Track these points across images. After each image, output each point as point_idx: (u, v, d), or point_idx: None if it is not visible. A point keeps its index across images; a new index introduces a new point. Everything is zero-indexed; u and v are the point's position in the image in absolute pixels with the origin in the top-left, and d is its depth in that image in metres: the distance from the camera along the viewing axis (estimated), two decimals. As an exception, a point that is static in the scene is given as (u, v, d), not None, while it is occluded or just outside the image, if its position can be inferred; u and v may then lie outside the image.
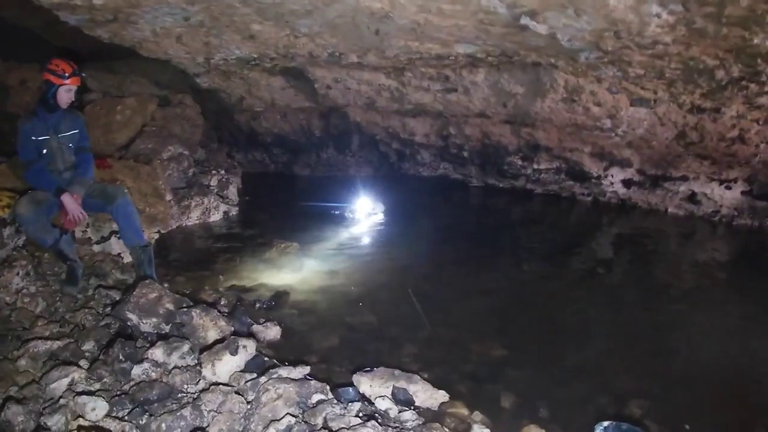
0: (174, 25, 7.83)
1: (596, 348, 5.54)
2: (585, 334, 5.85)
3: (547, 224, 10.30)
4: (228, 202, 9.89)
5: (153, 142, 9.91)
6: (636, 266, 8.23)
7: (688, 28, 6.53)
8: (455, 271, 7.52)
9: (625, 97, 9.15)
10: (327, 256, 7.67)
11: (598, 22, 6.45)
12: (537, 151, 11.06)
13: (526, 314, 6.22)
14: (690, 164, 10.09)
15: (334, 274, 7.02)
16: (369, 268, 7.31)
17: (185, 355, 4.30)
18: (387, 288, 6.68)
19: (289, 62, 9.53)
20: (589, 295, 6.85)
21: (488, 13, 6.49)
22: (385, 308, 6.09)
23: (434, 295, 6.51)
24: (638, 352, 5.51)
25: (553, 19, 6.52)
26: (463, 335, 5.56)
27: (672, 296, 6.99)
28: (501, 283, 7.15)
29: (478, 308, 6.34)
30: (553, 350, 5.42)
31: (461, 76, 9.54)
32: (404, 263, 7.60)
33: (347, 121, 11.77)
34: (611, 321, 6.16)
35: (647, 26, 6.47)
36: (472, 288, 6.97)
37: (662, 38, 6.86)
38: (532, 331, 5.82)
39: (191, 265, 7.19)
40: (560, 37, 7.08)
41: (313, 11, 7.04)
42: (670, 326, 6.07)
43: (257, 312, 5.73)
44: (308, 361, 4.75)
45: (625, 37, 6.80)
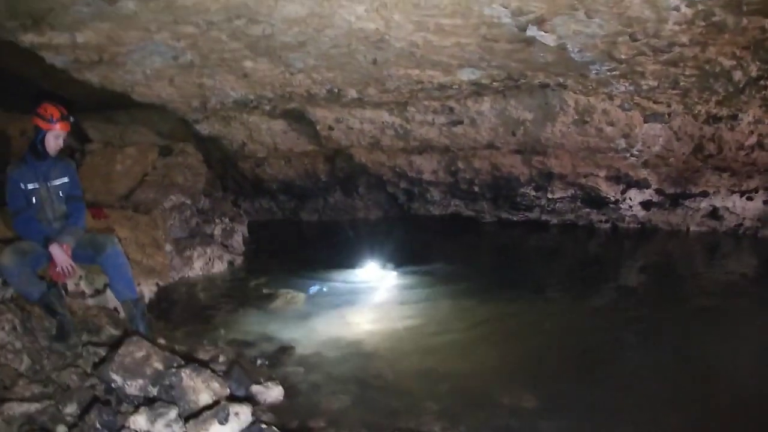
0: (164, 65, 7.57)
1: (638, 389, 5.05)
2: (624, 374, 5.39)
3: (565, 257, 9.87)
4: (232, 252, 9.61)
5: (154, 192, 9.71)
6: (667, 294, 7.82)
7: (707, 22, 6.21)
8: (474, 314, 7.05)
9: (638, 113, 8.88)
10: (336, 307, 7.24)
11: (612, 24, 6.12)
12: (550, 180, 10.69)
13: (556, 356, 5.75)
14: (709, 178, 9.89)
15: (343, 325, 6.59)
16: (381, 318, 6.87)
17: (171, 423, 3.90)
18: (401, 337, 6.23)
19: (288, 103, 9.27)
20: (624, 331, 6.44)
21: (491, 25, 6.16)
22: (401, 360, 5.61)
23: (451, 343, 6.09)
24: (686, 390, 5.04)
25: (562, 27, 6.18)
26: (490, 385, 5.09)
27: (711, 323, 6.61)
28: (525, 325, 6.70)
29: (504, 354, 5.85)
30: (590, 395, 4.91)
31: (466, 106, 9.25)
32: (418, 311, 7.12)
33: (352, 163, 11.47)
34: (651, 358, 5.70)
35: (664, 24, 6.14)
36: (494, 332, 6.50)
37: (679, 38, 6.55)
38: (566, 375, 5.34)
39: (190, 318, 6.86)
40: (570, 48, 6.77)
41: (306, 42, 6.77)
42: (715, 358, 5.63)
43: (258, 369, 5.29)
44: (315, 426, 4.35)
45: (641, 39, 6.47)
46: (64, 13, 6.18)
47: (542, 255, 10.20)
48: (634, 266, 9.29)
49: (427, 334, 6.32)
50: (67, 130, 5.30)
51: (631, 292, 7.90)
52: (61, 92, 9.68)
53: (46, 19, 6.34)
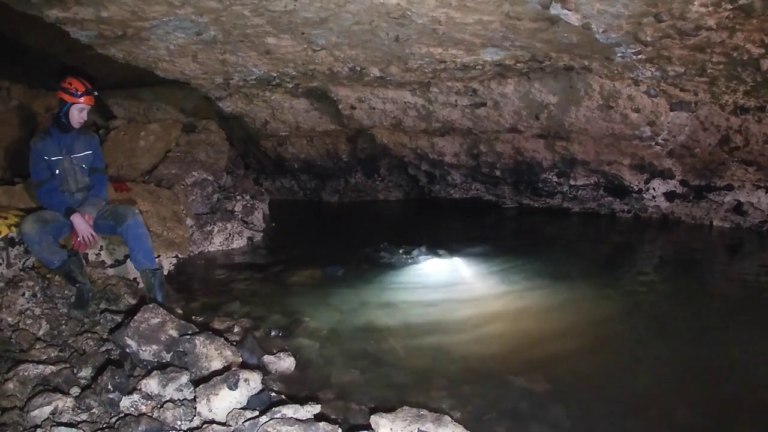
0: (187, 41, 7.56)
1: (653, 377, 4.98)
2: (639, 362, 5.32)
3: (588, 246, 9.73)
4: (252, 228, 9.67)
5: (176, 168, 9.81)
6: (689, 287, 7.61)
7: (734, 5, 6.06)
8: (492, 297, 6.98)
9: (664, 100, 8.72)
10: (352, 285, 7.23)
11: (637, 3, 5.99)
12: (573, 166, 10.58)
13: (572, 342, 5.65)
14: (735, 172, 9.66)
15: (359, 303, 6.56)
16: (397, 297, 6.81)
17: (183, 387, 3.95)
18: (416, 317, 6.18)
19: (311, 81, 9.23)
20: (643, 321, 6.33)
21: (515, 2, 6.07)
22: (414, 339, 5.59)
23: (467, 323, 6.04)
24: (702, 379, 4.98)
25: (586, 5, 6.06)
26: (502, 366, 5.04)
27: (732, 317, 6.51)
28: (543, 309, 6.61)
29: (520, 336, 5.80)
30: (604, 381, 4.87)
31: (490, 88, 9.15)
32: (436, 293, 7.06)
33: (374, 144, 11.45)
34: (668, 347, 5.61)
35: (690, 5, 6.01)
36: (509, 315, 6.45)
37: (705, 21, 6.40)
38: (580, 360, 5.27)
39: (208, 291, 6.93)
40: (595, 29, 6.64)
41: (328, 18, 6.71)
42: (735, 351, 5.54)
43: (272, 341, 5.34)
44: (323, 397, 4.34)
45: (667, 20, 6.32)
46: (90, -13, 6.20)
47: (568, 242, 10.05)
48: (655, 259, 9.12)
49: (442, 314, 6.28)
50: (91, 104, 5.42)
51: (654, 285, 7.75)
52: (86, 69, 9.78)
53: (71, -7, 6.36)
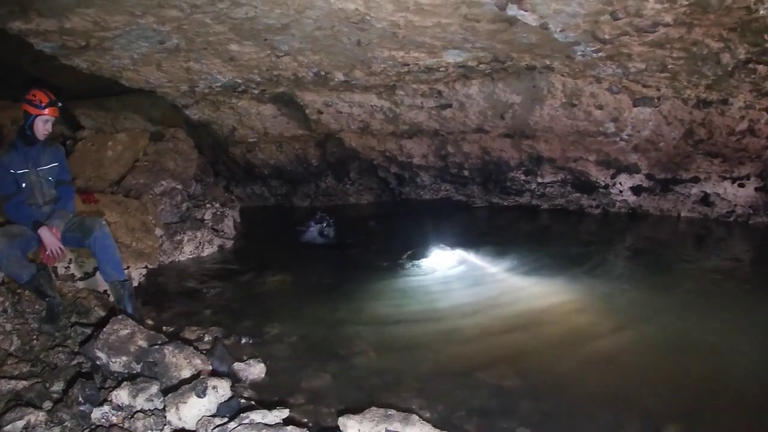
0: (151, 50, 7.60)
1: (622, 368, 5.05)
2: (609, 353, 5.36)
3: (556, 241, 9.80)
4: (223, 236, 9.63)
5: (145, 177, 9.79)
6: (659, 277, 7.72)
7: (689, 1, 6.15)
8: (465, 295, 7.08)
9: (627, 96, 8.82)
10: (322, 288, 7.31)
11: (592, 2, 6.09)
12: (540, 164, 10.67)
13: (542, 337, 5.73)
14: (700, 164, 9.78)
15: (330, 307, 6.58)
16: (369, 300, 6.86)
17: (153, 398, 3.96)
18: (387, 318, 6.23)
19: (276, 87, 9.26)
20: (610, 312, 6.39)
21: (471, 5, 6.13)
22: (385, 340, 5.62)
23: (438, 323, 6.09)
24: (670, 370, 5.04)
25: (542, 5, 6.15)
26: (472, 364, 5.10)
27: (693, 306, 6.57)
28: (513, 305, 6.66)
29: (489, 334, 5.84)
30: (574, 374, 4.94)
31: (454, 89, 9.22)
32: (406, 294, 7.12)
33: (343, 148, 11.46)
34: (636, 338, 5.68)
35: (645, 2, 6.11)
36: (484, 311, 6.51)
37: (662, 17, 6.50)
38: (550, 354, 5.34)
39: (178, 300, 6.89)
40: (552, 28, 6.73)
41: (289, 24, 6.76)
42: (701, 339, 5.63)
43: (242, 348, 5.35)
44: (294, 402, 4.37)
45: (623, 18, 6.42)
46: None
47: (537, 238, 10.11)
48: (624, 252, 9.23)
49: (413, 315, 6.33)
50: (55, 115, 5.35)
51: (621, 277, 7.85)
52: (52, 80, 9.71)
53: (33, 5, 6.38)
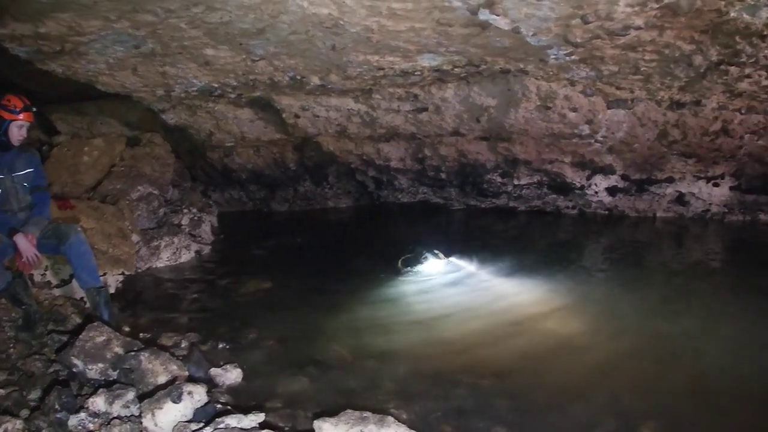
0: (126, 55, 7.59)
1: (599, 367, 5.12)
2: (586, 351, 5.43)
3: (534, 243, 9.89)
4: (200, 241, 9.60)
5: (121, 183, 9.64)
6: (632, 275, 7.84)
7: (660, 4, 6.22)
8: (441, 296, 7.17)
9: (601, 99, 8.92)
10: (300, 293, 7.30)
11: (562, 6, 6.14)
12: (516, 166, 10.74)
13: (520, 337, 5.79)
14: (675, 164, 9.92)
15: (307, 311, 6.60)
16: (346, 303, 6.86)
17: (129, 404, 3.97)
18: (364, 321, 6.24)
19: (253, 91, 9.26)
20: (587, 311, 6.47)
21: (443, 9, 6.17)
22: (362, 343, 5.65)
23: (414, 325, 6.14)
24: (645, 367, 5.13)
25: (513, 10, 6.20)
26: (448, 364, 5.15)
27: (669, 304, 6.71)
28: (491, 306, 6.74)
29: (466, 335, 5.90)
30: (551, 372, 5.01)
31: (430, 93, 9.26)
32: (383, 297, 7.16)
33: (321, 152, 11.46)
34: (613, 336, 5.76)
35: (615, 5, 6.17)
36: (461, 313, 6.58)
37: (633, 21, 6.58)
38: (528, 353, 5.39)
39: (155, 307, 6.85)
40: (524, 32, 6.79)
41: (264, 29, 6.77)
42: (676, 335, 5.75)
43: (219, 353, 5.34)
44: (270, 406, 4.37)
45: (594, 21, 6.48)
46: (26, 4, 6.20)
47: (514, 240, 10.17)
48: (601, 251, 9.31)
49: (390, 318, 6.36)
50: (30, 120, 5.30)
51: (600, 277, 7.93)
52: (28, 85, 9.64)
53: (8, 10, 6.35)
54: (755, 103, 8.70)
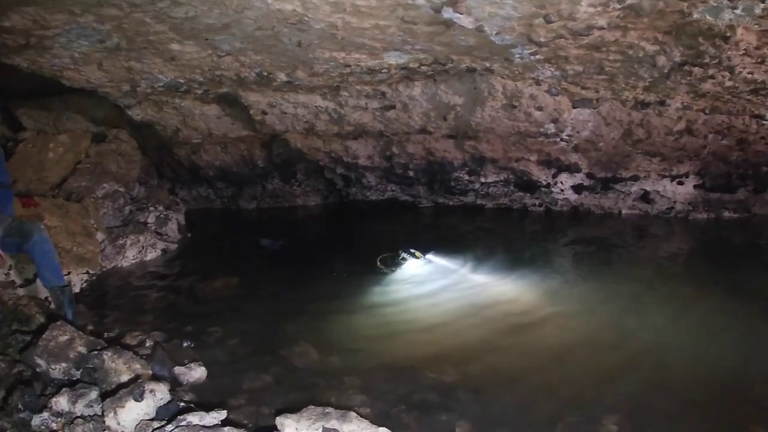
0: (91, 49, 7.53)
1: (564, 362, 5.20)
2: (550, 347, 5.52)
3: (500, 240, 9.94)
4: (167, 240, 9.57)
5: (86, 180, 9.61)
6: (599, 272, 7.95)
7: (622, 5, 6.26)
8: (407, 293, 7.22)
9: (566, 98, 8.97)
10: (267, 291, 7.32)
11: (525, 6, 6.16)
12: (483, 164, 10.78)
13: (483, 332, 5.88)
14: (640, 163, 10.04)
15: (272, 309, 6.62)
16: (311, 301, 6.91)
17: (93, 403, 3.97)
18: (329, 320, 6.27)
19: (219, 87, 9.20)
20: (554, 308, 6.57)
21: (407, 7, 6.19)
22: (328, 341, 5.69)
23: (380, 322, 6.21)
24: (610, 361, 5.22)
25: (477, 9, 6.22)
26: (413, 359, 5.20)
27: (634, 299, 6.83)
28: (456, 302, 6.81)
29: (431, 330, 5.99)
30: (516, 368, 5.07)
31: (398, 91, 9.26)
32: (348, 295, 7.18)
33: (289, 149, 11.40)
34: (579, 332, 5.85)
35: (578, 5, 6.20)
36: (426, 308, 6.64)
37: (596, 21, 6.61)
38: (493, 350, 5.46)
39: (121, 306, 6.88)
40: (488, 31, 6.81)
41: (230, 24, 6.74)
42: (641, 330, 5.85)
43: (184, 352, 5.34)
44: (234, 403, 4.39)
45: (557, 21, 6.50)
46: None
47: (481, 237, 10.27)
48: (567, 248, 9.39)
49: (355, 315, 6.42)
50: None
51: (558, 272, 8.02)
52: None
53: (-30, 4, 6.28)
54: (719, 103, 8.83)
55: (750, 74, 7.88)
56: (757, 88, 8.26)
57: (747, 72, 7.82)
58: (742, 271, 7.78)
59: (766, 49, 7.27)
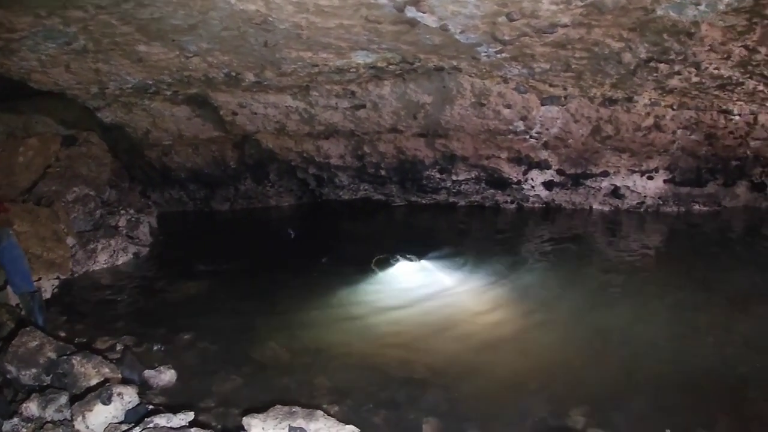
0: (59, 51, 7.48)
1: (533, 357, 5.26)
2: (519, 343, 5.58)
3: (475, 238, 10.01)
4: (138, 243, 9.50)
5: (57, 184, 9.54)
6: (569, 268, 8.03)
7: (584, 2, 6.30)
8: (376, 292, 7.25)
9: (534, 96, 9.03)
10: (238, 294, 7.33)
11: (487, 4, 6.19)
12: (454, 162, 10.82)
13: (456, 330, 5.92)
14: (609, 159, 10.13)
15: (243, 311, 6.64)
16: (281, 302, 6.93)
17: (63, 408, 4.00)
18: (299, 321, 6.30)
19: (188, 88, 9.17)
20: (524, 304, 6.63)
21: (371, 6, 6.21)
22: (298, 341, 5.72)
23: (348, 321, 6.24)
24: (578, 355, 5.29)
25: (440, 7, 6.24)
26: (383, 359, 5.25)
27: (604, 293, 6.92)
28: (428, 302, 6.85)
29: (400, 329, 6.04)
30: (484, 364, 5.12)
31: (367, 90, 9.27)
32: (319, 296, 7.18)
33: (260, 149, 11.37)
34: (549, 327, 5.93)
35: (540, 4, 6.23)
36: (396, 307, 6.70)
37: (559, 19, 6.66)
38: (462, 346, 5.52)
39: (92, 310, 6.86)
40: (452, 30, 6.84)
41: (196, 25, 6.74)
42: (610, 324, 5.94)
43: (154, 355, 5.36)
44: (204, 405, 4.43)
45: (519, 19, 6.54)
46: (-45, 1, 6.09)
47: (453, 235, 10.31)
48: (539, 244, 9.43)
49: (324, 315, 6.46)
50: None
51: (538, 268, 8.10)
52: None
53: (-63, 7, 6.23)
54: (686, 99, 8.94)
55: (716, 70, 7.99)
56: (723, 83, 8.38)
57: (713, 68, 7.94)
58: (711, 264, 7.91)
59: (731, 44, 7.38)
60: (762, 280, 7.25)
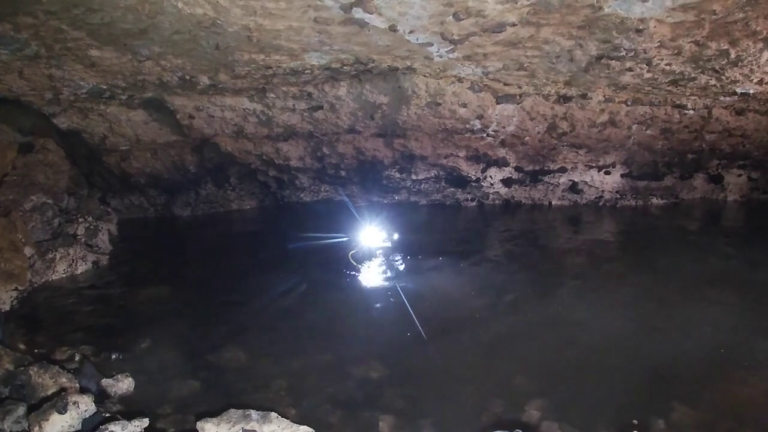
0: (11, 58, 7.44)
1: (484, 350, 5.33)
2: (470, 334, 5.66)
3: (436, 236, 10.07)
4: (97, 251, 9.37)
5: (14, 193, 9.37)
6: (530, 262, 8.15)
7: (529, 1, 6.34)
8: (337, 291, 7.34)
9: (489, 95, 9.12)
10: (197, 299, 7.30)
11: (433, 5, 6.22)
12: (413, 162, 10.92)
13: (413, 326, 5.92)
14: (566, 155, 10.30)
15: (202, 316, 6.63)
16: (240, 305, 6.96)
17: (21, 419, 3.98)
18: (258, 324, 6.32)
19: (143, 92, 9.13)
20: (484, 298, 6.71)
21: (318, 8, 6.21)
22: (257, 345, 5.73)
23: (309, 323, 6.28)
24: (536, 350, 5.35)
25: (386, 8, 6.28)
26: (341, 358, 5.28)
27: (558, 286, 7.04)
28: (390, 298, 6.91)
29: (360, 327, 6.11)
30: (438, 358, 5.19)
31: (324, 91, 9.30)
32: (281, 294, 7.28)
33: (220, 153, 11.34)
34: (507, 321, 6.00)
35: (485, 3, 6.26)
36: (354, 304, 6.80)
37: (507, 18, 6.70)
38: (419, 343, 5.55)
39: (52, 321, 6.73)
40: (402, 30, 6.88)
41: (147, 29, 6.72)
42: (568, 318, 6.03)
43: (112, 364, 5.31)
44: (161, 411, 4.43)
45: (466, 19, 6.58)
46: None
47: (419, 231, 10.34)
48: (501, 241, 9.54)
49: (285, 316, 6.50)
50: None
51: (486, 260, 8.22)
52: None
53: None
54: (640, 95, 9.12)
55: (668, 66, 8.15)
56: (676, 79, 8.55)
57: (665, 64, 8.09)
58: (669, 255, 8.09)
59: (680, 40, 7.50)
60: (720, 269, 7.43)
